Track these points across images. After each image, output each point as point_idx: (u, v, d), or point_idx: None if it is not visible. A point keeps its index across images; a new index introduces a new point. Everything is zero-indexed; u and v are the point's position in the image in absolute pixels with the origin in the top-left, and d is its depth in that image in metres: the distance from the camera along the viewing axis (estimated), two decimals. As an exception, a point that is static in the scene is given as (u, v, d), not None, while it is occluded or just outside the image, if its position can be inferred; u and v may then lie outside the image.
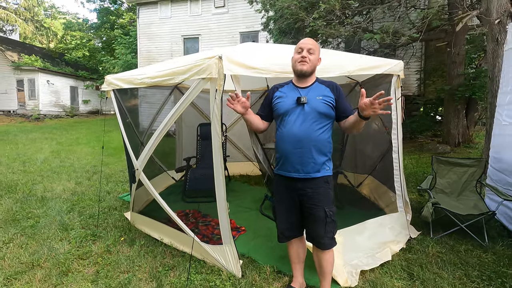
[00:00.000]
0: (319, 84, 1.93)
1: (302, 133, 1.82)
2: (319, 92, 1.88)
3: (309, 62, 1.86)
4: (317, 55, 1.90)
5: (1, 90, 17.54)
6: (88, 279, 2.27)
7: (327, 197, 1.87)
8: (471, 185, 3.13)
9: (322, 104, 1.84)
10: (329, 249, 1.89)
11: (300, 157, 1.83)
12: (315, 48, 1.89)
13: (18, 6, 17.95)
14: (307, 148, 1.82)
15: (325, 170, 1.87)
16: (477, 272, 2.28)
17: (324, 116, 1.85)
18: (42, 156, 7.27)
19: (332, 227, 1.88)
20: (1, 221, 3.34)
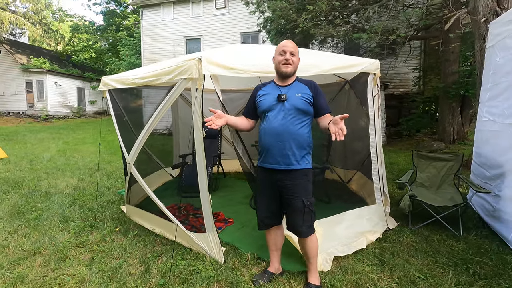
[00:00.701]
0: (298, 83, 2.08)
1: (282, 127, 1.96)
2: (298, 90, 2.02)
3: (292, 64, 2.01)
4: (298, 56, 2.05)
5: (11, 91, 18.08)
6: (83, 264, 2.47)
7: (305, 189, 2.00)
8: (449, 179, 3.25)
9: (301, 100, 1.98)
10: (309, 236, 2.05)
11: (281, 150, 1.97)
12: (296, 50, 2.04)
13: (27, 10, 18.45)
14: (287, 141, 1.96)
15: (305, 163, 2.01)
16: (445, 259, 2.41)
17: (303, 112, 1.99)
18: (48, 155, 7.57)
19: (310, 216, 2.03)
20: (7, 214, 3.58)
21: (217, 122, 1.93)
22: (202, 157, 2.34)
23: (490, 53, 3.40)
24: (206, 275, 2.23)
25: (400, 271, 2.26)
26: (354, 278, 2.18)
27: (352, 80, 3.96)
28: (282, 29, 6.59)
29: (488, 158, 3.10)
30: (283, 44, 2.04)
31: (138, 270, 2.36)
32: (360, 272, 2.26)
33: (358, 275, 2.21)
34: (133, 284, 2.17)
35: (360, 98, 3.51)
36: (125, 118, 3.61)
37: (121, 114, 3.52)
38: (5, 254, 2.64)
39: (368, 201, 3.46)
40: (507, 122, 2.75)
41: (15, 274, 2.30)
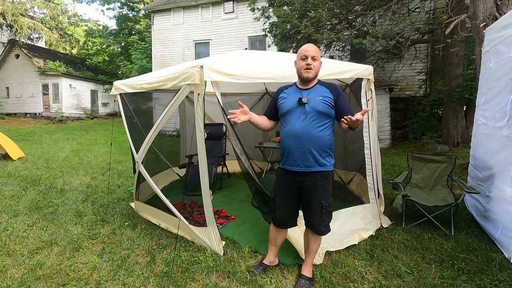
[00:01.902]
0: (320, 86, 2.09)
1: (303, 130, 1.99)
2: (319, 93, 2.04)
3: (314, 69, 2.03)
4: (319, 61, 2.07)
5: (28, 94, 18.82)
6: (95, 254, 2.69)
7: (324, 191, 2.05)
8: (443, 180, 3.35)
9: (322, 103, 2.00)
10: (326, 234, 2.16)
11: (301, 153, 2.00)
12: (318, 54, 2.05)
13: (44, 16, 19.22)
14: (307, 144, 1.99)
15: (325, 166, 2.03)
16: (433, 256, 2.53)
17: (323, 115, 2.01)
18: (63, 155, 7.94)
19: (327, 217, 2.10)
20: (27, 208, 3.86)
21: (241, 118, 2.00)
22: (203, 157, 2.54)
23: (485, 58, 3.49)
24: (206, 265, 2.42)
25: (388, 265, 2.40)
26: (343, 270, 2.33)
27: (352, 84, 4.11)
28: (287, 33, 6.78)
29: (481, 160, 3.20)
30: (305, 49, 2.04)
31: (145, 260, 2.56)
32: (350, 265, 2.40)
33: (347, 268, 2.35)
34: (139, 271, 2.37)
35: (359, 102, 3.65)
36: (134, 120, 3.86)
37: (131, 116, 3.77)
38: (25, 244, 2.89)
39: (364, 200, 3.59)
40: (498, 125, 2.85)
41: (34, 262, 2.54)
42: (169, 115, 2.72)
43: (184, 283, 2.21)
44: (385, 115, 8.55)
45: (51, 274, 2.35)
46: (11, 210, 3.75)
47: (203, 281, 2.24)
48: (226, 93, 5.70)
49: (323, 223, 2.11)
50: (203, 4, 13.26)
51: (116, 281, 2.25)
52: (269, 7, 6.62)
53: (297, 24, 5.27)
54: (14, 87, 19.24)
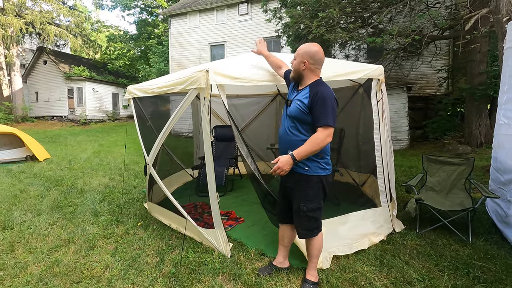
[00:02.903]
0: (307, 88, 2.02)
1: (282, 133, 2.11)
2: (299, 96, 2.02)
3: (292, 68, 2.09)
4: (298, 60, 2.02)
5: (55, 98, 19.83)
6: (108, 252, 2.80)
7: (304, 195, 2.04)
8: (460, 183, 3.19)
9: (295, 108, 1.99)
10: (307, 238, 2.16)
11: (281, 152, 2.08)
12: (297, 54, 2.04)
13: (69, 23, 20.18)
14: (284, 145, 2.07)
15: (302, 169, 2.00)
16: (447, 263, 2.42)
17: (298, 120, 1.99)
18: (85, 156, 8.31)
19: (306, 221, 2.07)
20: (49, 207, 4.07)
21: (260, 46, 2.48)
22: (210, 159, 2.57)
23: (508, 55, 3.30)
24: (213, 267, 2.44)
25: (398, 272, 2.32)
26: (350, 276, 2.28)
27: (364, 84, 4.02)
28: (300, 34, 6.72)
29: (503, 163, 3.02)
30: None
31: (154, 260, 2.63)
32: (358, 271, 2.35)
33: (355, 274, 2.30)
34: (148, 271, 2.44)
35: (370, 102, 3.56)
36: (148, 123, 3.97)
37: (144, 119, 3.89)
38: (46, 241, 3.05)
39: (377, 203, 3.49)
40: (520, 126, 2.68)
41: (52, 259, 2.68)
42: (177, 118, 2.78)
43: (190, 284, 2.25)
44: (403, 115, 8.28)
45: (67, 272, 2.46)
46: (35, 209, 3.97)
47: (209, 282, 2.26)
48: (238, 95, 5.75)
49: (301, 226, 2.12)
50: (218, 7, 13.43)
51: (126, 280, 2.33)
52: (281, 8, 6.60)
53: (308, 25, 5.21)
54: (42, 91, 20.35)
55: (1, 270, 2.50)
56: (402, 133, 8.36)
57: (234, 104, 5.77)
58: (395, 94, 8.40)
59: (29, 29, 17.16)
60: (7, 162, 7.08)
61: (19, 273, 2.44)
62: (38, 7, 18.25)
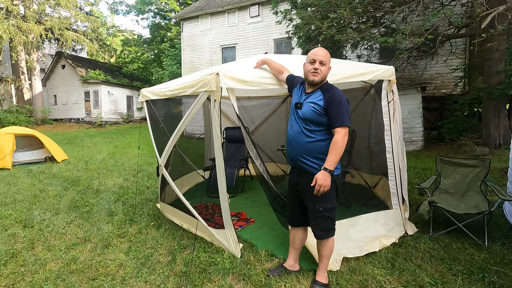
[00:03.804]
0: (318, 91, 2.06)
1: (293, 135, 2.10)
2: (313, 99, 2.04)
3: (320, 73, 2.02)
4: (327, 66, 2.06)
5: (73, 101, 20.49)
6: (122, 251, 2.88)
7: (319, 195, 2.02)
8: (476, 186, 3.10)
9: (310, 111, 2.01)
10: (323, 240, 2.15)
11: (293, 155, 2.13)
12: (326, 59, 2.04)
13: (86, 28, 20.82)
14: (297, 150, 2.08)
15: (316, 170, 2.01)
16: (461, 267, 2.37)
17: (313, 122, 2.01)
18: (100, 157, 8.54)
19: (323, 222, 2.09)
20: (66, 207, 4.22)
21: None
22: (220, 161, 2.61)
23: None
24: (223, 267, 2.48)
25: (410, 275, 2.29)
26: (360, 278, 2.27)
27: (376, 85, 3.98)
28: (311, 35, 6.71)
29: (522, 165, 2.93)
30: (314, 53, 2.05)
31: (166, 259, 2.69)
32: (368, 273, 2.33)
33: (365, 276, 2.28)
34: (160, 270, 2.50)
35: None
36: (161, 125, 4.06)
37: (157, 121, 3.98)
38: (63, 240, 3.17)
39: (389, 205, 3.44)
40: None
41: (70, 256, 2.78)
42: (188, 120, 2.83)
43: (201, 284, 2.29)
44: (417, 115, 8.11)
45: (83, 269, 2.55)
46: (53, 208, 4.12)
47: (219, 282, 2.30)
48: (249, 97, 5.79)
49: (318, 227, 2.11)
50: (230, 9, 13.55)
51: (139, 278, 2.39)
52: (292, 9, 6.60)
53: (319, 26, 5.19)
54: (60, 95, 21.07)
55: (22, 266, 2.61)
56: (416, 134, 8.19)
57: (244, 106, 5.82)
58: (408, 94, 8.24)
59: (49, 35, 17.81)
60: (27, 163, 7.38)
61: (39, 269, 2.55)
62: (57, 14, 18.93)
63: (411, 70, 8.56)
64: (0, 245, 3.00)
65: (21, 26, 16.11)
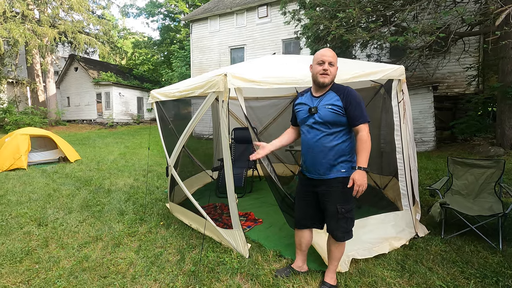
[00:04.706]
0: (331, 92, 2.04)
1: (314, 141, 2.03)
2: (328, 101, 2.01)
3: (330, 75, 2.00)
4: (336, 66, 2.04)
5: (85, 102, 20.95)
6: (132, 250, 2.93)
7: (340, 196, 2.02)
8: (489, 187, 3.02)
9: (330, 113, 1.98)
10: (346, 240, 2.11)
11: (313, 161, 2.06)
12: (335, 60, 2.02)
13: (98, 31, 21.27)
14: (319, 155, 2.02)
15: (340, 172, 2.01)
16: (474, 270, 2.31)
17: (333, 124, 1.99)
18: (112, 157, 8.70)
19: (344, 223, 2.05)
20: (79, 206, 4.32)
21: (261, 153, 2.16)
22: (228, 161, 2.63)
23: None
24: (231, 267, 2.49)
25: (420, 278, 2.25)
26: (369, 280, 2.24)
27: (386, 84, 3.93)
28: (320, 35, 6.67)
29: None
30: (322, 53, 2.02)
31: (175, 258, 2.72)
32: (377, 275, 2.30)
33: (374, 278, 2.26)
34: (169, 269, 2.53)
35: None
36: (170, 126, 4.12)
37: (166, 122, 4.03)
38: (76, 238, 3.24)
39: (399, 207, 3.39)
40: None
41: (82, 254, 2.84)
42: (197, 121, 2.86)
43: (209, 283, 2.31)
44: (428, 115, 7.95)
45: (95, 267, 2.61)
46: (66, 208, 4.23)
47: (227, 282, 2.31)
48: (257, 98, 5.80)
49: (340, 228, 2.06)
50: (238, 10, 13.61)
51: (148, 277, 2.43)
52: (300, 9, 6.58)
53: (328, 26, 5.16)
54: (73, 96, 21.57)
55: (37, 263, 2.69)
56: (427, 134, 8.03)
57: (252, 106, 5.83)
58: (419, 94, 8.10)
59: (62, 38, 18.27)
60: (42, 163, 7.59)
61: (53, 267, 2.61)
62: (70, 17, 19.39)
63: (422, 69, 8.41)
64: (16, 243, 3.09)
65: (36, 30, 16.58)
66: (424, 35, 4.78)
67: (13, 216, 3.88)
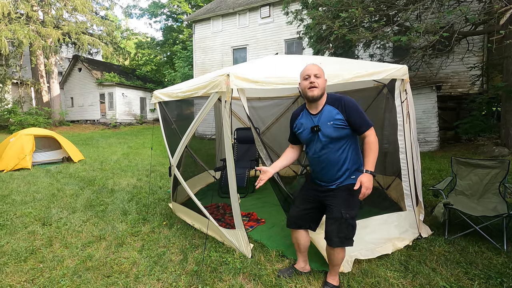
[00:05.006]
0: (328, 106, 2.04)
1: (321, 157, 2.06)
2: (329, 117, 2.01)
3: (318, 87, 1.98)
4: (323, 78, 2.04)
5: (89, 102, 21.08)
6: (136, 249, 2.94)
7: (346, 202, 2.02)
8: (494, 187, 3.00)
9: (333, 129, 1.99)
10: (337, 247, 2.06)
11: (323, 175, 2.11)
12: (321, 72, 2.02)
13: (101, 32, 21.40)
14: (328, 168, 2.06)
15: (349, 179, 2.04)
16: (478, 271, 2.30)
17: (337, 139, 2.01)
18: (115, 157, 8.75)
19: (346, 229, 2.01)
20: (83, 206, 4.35)
21: (264, 178, 2.18)
22: (231, 161, 2.63)
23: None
24: (234, 267, 2.50)
25: (424, 278, 2.24)
26: (372, 281, 2.23)
27: (389, 84, 3.91)
28: (322, 35, 6.66)
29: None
30: (307, 68, 2.04)
31: (178, 258, 2.73)
32: (380, 276, 2.29)
33: (377, 279, 2.25)
34: (172, 269, 2.54)
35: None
36: (173, 126, 4.13)
37: (169, 122, 4.05)
38: (80, 237, 3.26)
39: (402, 207, 3.38)
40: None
41: (85, 254, 2.86)
42: (200, 121, 2.87)
43: (212, 283, 2.31)
44: (432, 115, 7.91)
45: (98, 266, 2.62)
46: (70, 207, 4.25)
47: (229, 281, 2.32)
48: (260, 98, 5.80)
49: (339, 233, 2.01)
50: (240, 11, 13.62)
51: (151, 276, 2.44)
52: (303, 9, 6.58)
53: (330, 25, 5.16)
54: (77, 97, 21.72)
55: (41, 262, 2.71)
56: (431, 134, 7.99)
57: (255, 106, 5.83)
58: (423, 94, 8.05)
59: (66, 39, 18.41)
60: (46, 163, 7.64)
61: (57, 266, 2.63)
62: (74, 18, 19.53)
63: (426, 69, 8.37)
64: (21, 242, 3.12)
65: (40, 31, 16.72)
66: (428, 34, 4.75)
67: (18, 215, 3.92)
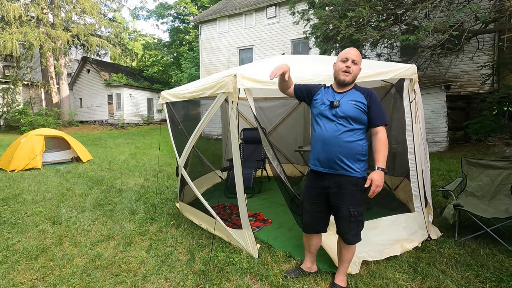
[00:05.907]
0: (354, 91, 2.04)
1: (331, 136, 1.96)
2: (352, 97, 2.00)
3: (352, 73, 1.99)
4: (359, 66, 2.03)
5: (97, 103, 21.37)
6: (143, 249, 2.97)
7: (352, 198, 1.98)
8: (506, 189, 2.94)
9: (353, 108, 1.95)
10: (356, 243, 2.08)
11: (328, 156, 1.98)
12: (359, 59, 2.01)
13: (109, 34, 21.69)
14: (335, 150, 1.96)
15: (353, 172, 1.97)
16: (489, 274, 2.25)
17: (354, 121, 1.96)
18: (123, 158, 8.84)
19: (356, 226, 2.02)
20: (91, 205, 4.40)
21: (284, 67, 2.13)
22: (238, 162, 2.64)
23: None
24: (241, 267, 2.50)
25: (433, 281, 2.21)
26: (380, 282, 2.21)
27: (397, 84, 3.87)
28: (329, 34, 6.62)
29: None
30: (346, 51, 2.03)
31: (185, 258, 2.75)
32: (389, 278, 2.27)
33: (386, 280, 2.23)
34: (180, 268, 2.56)
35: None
36: (180, 126, 4.16)
37: (176, 123, 4.08)
38: (89, 236, 3.31)
39: (411, 208, 3.33)
40: None
41: (94, 253, 2.90)
42: (207, 122, 2.88)
43: (219, 282, 2.32)
44: (441, 115, 7.79)
45: (107, 265, 2.66)
46: (79, 207, 4.32)
47: (236, 281, 2.32)
48: (266, 98, 5.80)
49: (351, 231, 2.03)
50: (247, 11, 13.64)
51: (159, 276, 2.46)
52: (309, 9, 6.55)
53: (337, 25, 5.12)
54: (85, 98, 22.04)
55: (51, 260, 2.76)
56: (440, 134, 7.87)
57: (261, 107, 5.84)
58: (432, 93, 7.94)
59: (75, 41, 18.70)
60: (56, 163, 7.77)
61: (66, 264, 2.67)
62: (83, 21, 19.84)
63: (435, 68, 8.25)
64: (32, 240, 3.17)
65: (50, 33, 17.02)
66: (437, 33, 4.68)
67: (29, 214, 3.99)
